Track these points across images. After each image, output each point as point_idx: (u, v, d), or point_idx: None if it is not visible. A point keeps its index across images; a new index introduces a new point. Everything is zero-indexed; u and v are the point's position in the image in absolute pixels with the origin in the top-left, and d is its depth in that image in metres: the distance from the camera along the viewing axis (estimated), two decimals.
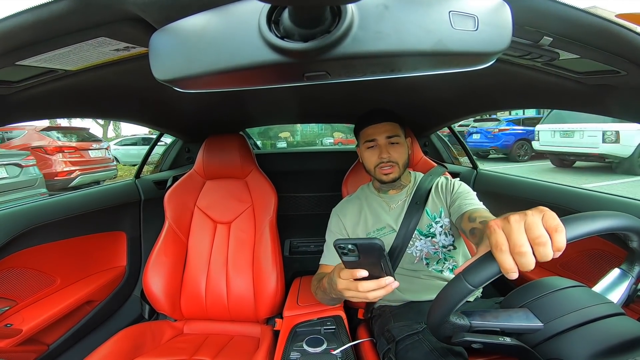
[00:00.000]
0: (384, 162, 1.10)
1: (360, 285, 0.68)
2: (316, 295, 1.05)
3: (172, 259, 1.35)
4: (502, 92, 1.05)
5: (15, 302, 1.14)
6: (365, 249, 0.63)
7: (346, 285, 0.71)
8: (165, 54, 0.43)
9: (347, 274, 0.70)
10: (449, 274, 1.11)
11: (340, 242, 0.64)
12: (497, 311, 0.64)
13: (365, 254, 0.64)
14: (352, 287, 0.70)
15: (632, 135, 5.94)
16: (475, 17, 0.37)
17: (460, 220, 0.99)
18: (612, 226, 0.54)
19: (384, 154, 1.09)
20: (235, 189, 1.48)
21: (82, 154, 6.28)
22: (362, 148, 1.15)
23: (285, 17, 0.36)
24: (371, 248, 0.63)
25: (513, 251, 0.50)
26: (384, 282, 0.67)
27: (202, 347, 1.21)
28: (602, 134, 6.21)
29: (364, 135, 1.14)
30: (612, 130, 6.07)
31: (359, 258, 0.65)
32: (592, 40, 0.55)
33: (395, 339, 0.95)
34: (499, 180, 1.63)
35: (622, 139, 6.02)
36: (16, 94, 0.74)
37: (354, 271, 0.68)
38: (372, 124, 1.12)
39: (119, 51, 0.61)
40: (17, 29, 0.49)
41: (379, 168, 1.11)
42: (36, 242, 1.20)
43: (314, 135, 10.83)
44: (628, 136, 5.97)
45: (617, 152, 6.16)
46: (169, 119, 1.51)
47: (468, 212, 0.97)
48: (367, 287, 0.68)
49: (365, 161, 1.16)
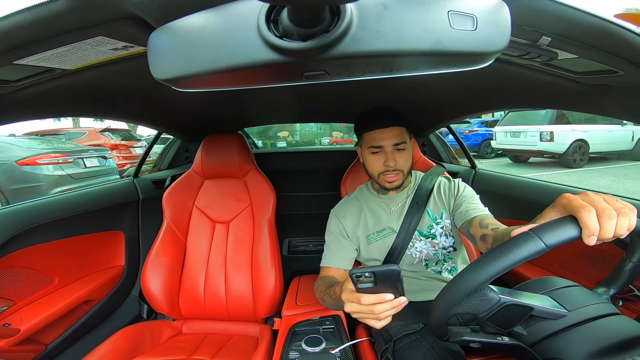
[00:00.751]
0: (389, 170, 1.05)
1: (376, 309, 0.66)
2: (323, 301, 1.02)
3: (171, 259, 1.35)
4: (501, 91, 1.05)
5: (13, 301, 1.14)
6: (383, 276, 0.62)
7: (357, 309, 0.69)
8: (163, 53, 0.43)
9: (353, 298, 0.68)
10: (447, 275, 1.11)
11: (357, 271, 0.62)
12: (521, 292, 0.63)
13: (383, 281, 0.63)
14: (365, 310, 0.68)
15: (565, 135, 7.34)
16: (474, 16, 0.37)
17: (468, 225, 0.97)
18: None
19: (390, 162, 1.04)
20: (234, 189, 1.48)
21: (130, 151, 7.61)
22: (366, 151, 1.09)
23: (284, 17, 0.36)
24: (390, 274, 0.62)
25: (602, 214, 0.50)
26: (397, 302, 0.66)
27: (201, 347, 1.21)
28: (539, 134, 7.57)
29: (369, 139, 1.07)
30: (548, 131, 7.42)
31: (375, 284, 0.63)
32: (590, 40, 0.55)
33: (393, 338, 0.95)
34: (497, 180, 1.63)
35: (556, 138, 7.37)
36: (14, 93, 0.73)
37: (365, 297, 0.66)
38: (378, 128, 1.04)
39: (118, 50, 0.61)
40: (15, 28, 0.49)
41: (383, 175, 1.07)
42: (34, 242, 1.19)
43: (313, 135, 10.82)
44: (561, 136, 7.35)
45: (553, 149, 7.51)
46: (167, 118, 1.51)
47: (478, 217, 0.95)
48: (382, 309, 0.66)
49: (369, 166, 1.10)
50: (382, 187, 1.11)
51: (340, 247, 1.13)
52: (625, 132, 8.02)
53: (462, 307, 0.58)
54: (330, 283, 1.02)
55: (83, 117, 1.12)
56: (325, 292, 1.00)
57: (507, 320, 0.61)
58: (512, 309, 0.60)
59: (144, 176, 1.84)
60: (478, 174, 1.74)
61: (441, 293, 0.61)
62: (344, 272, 1.11)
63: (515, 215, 1.39)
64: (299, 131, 10.74)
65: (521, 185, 1.47)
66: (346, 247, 1.13)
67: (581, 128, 7.53)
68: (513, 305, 0.59)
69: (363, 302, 0.66)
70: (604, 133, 7.77)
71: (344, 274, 1.11)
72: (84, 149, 5.29)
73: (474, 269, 0.56)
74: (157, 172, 2.02)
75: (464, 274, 0.57)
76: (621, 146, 8.09)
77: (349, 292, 0.70)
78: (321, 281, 1.08)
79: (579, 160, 7.55)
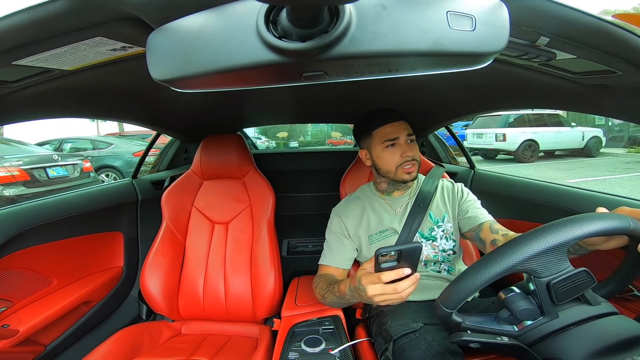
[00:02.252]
0: (407, 161, 1.06)
1: (399, 286, 0.70)
2: (324, 298, 1.03)
3: (170, 260, 1.34)
4: (499, 92, 1.05)
5: (12, 302, 1.13)
6: (408, 254, 0.66)
7: (381, 290, 0.72)
8: (162, 54, 0.43)
9: (375, 279, 0.72)
10: (446, 274, 1.11)
11: (383, 250, 0.65)
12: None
13: (406, 258, 0.66)
14: (389, 290, 0.71)
15: (516, 136, 9.15)
16: (473, 17, 0.37)
17: (478, 229, 1.03)
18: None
19: (408, 152, 1.06)
20: (233, 189, 1.48)
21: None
22: (378, 148, 1.09)
23: (283, 17, 0.36)
24: (413, 252, 0.66)
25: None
26: (414, 278, 0.71)
27: (200, 348, 1.21)
28: (494, 135, 9.39)
29: (382, 134, 1.07)
30: (501, 133, 9.25)
31: (398, 262, 0.67)
32: (588, 41, 0.55)
33: (392, 337, 0.95)
34: (496, 180, 1.63)
35: (508, 138, 9.16)
36: (13, 93, 0.73)
37: (386, 274, 0.70)
38: (390, 123, 1.07)
39: (116, 51, 0.61)
40: (13, 28, 0.49)
41: (401, 167, 1.07)
42: (33, 243, 1.19)
43: (324, 135, 10.91)
44: (512, 136, 9.15)
45: (505, 147, 9.32)
46: (166, 119, 1.51)
47: (488, 222, 1.03)
48: (405, 287, 0.70)
49: (383, 161, 1.09)
50: (401, 180, 1.09)
51: (341, 247, 1.13)
52: (576, 132, 9.63)
53: (527, 264, 0.58)
54: (331, 281, 1.03)
55: (82, 117, 1.12)
56: (327, 290, 1.00)
57: (576, 286, 0.60)
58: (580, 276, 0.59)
59: (142, 177, 1.84)
60: (477, 174, 1.74)
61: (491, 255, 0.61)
62: (343, 271, 1.12)
63: (514, 215, 1.39)
64: (310, 131, 10.79)
65: (520, 186, 1.47)
66: (347, 247, 1.13)
67: (531, 130, 9.23)
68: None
69: (384, 279, 0.70)
70: (552, 134, 9.39)
71: (343, 273, 1.12)
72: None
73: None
74: (156, 172, 2.02)
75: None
76: (572, 145, 9.70)
77: (368, 275, 0.74)
78: (321, 279, 1.08)
79: (530, 156, 9.25)
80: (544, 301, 0.60)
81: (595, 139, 9.78)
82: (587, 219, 0.56)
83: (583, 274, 0.58)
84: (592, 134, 9.77)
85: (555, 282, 0.58)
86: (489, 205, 1.12)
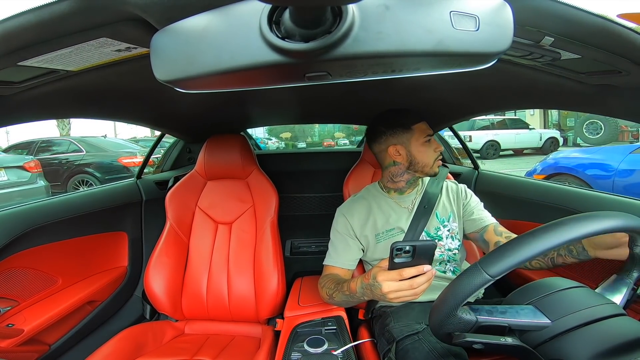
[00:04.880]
0: (439, 155, 1.13)
1: (415, 282, 0.71)
2: (332, 298, 1.03)
3: (174, 259, 1.35)
4: (504, 92, 1.05)
5: (17, 302, 1.14)
6: (423, 250, 0.66)
7: (397, 287, 0.73)
8: (166, 55, 0.43)
9: (392, 275, 0.72)
10: (451, 275, 1.11)
11: (399, 245, 0.66)
12: (504, 307, 0.64)
13: (420, 255, 0.67)
14: (405, 286, 0.72)
15: (480, 137, 10.92)
16: (476, 17, 0.37)
17: (483, 231, 1.08)
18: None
19: (440, 148, 1.13)
20: (237, 190, 1.48)
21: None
22: (418, 142, 1.10)
23: (286, 18, 0.36)
24: (428, 249, 0.66)
25: None
26: (430, 274, 0.71)
27: (203, 348, 1.21)
28: (463, 137, 9.91)
29: (421, 130, 1.10)
30: (468, 135, 10.68)
31: (412, 259, 0.67)
32: (593, 40, 0.55)
33: (395, 339, 0.95)
34: (500, 181, 1.63)
35: (474, 139, 10.79)
36: (18, 94, 0.74)
37: (406, 270, 0.71)
38: (423, 120, 1.12)
39: (121, 52, 0.61)
40: (18, 29, 0.49)
41: (437, 161, 1.12)
42: (38, 243, 1.20)
43: (331, 136, 11.06)
44: (477, 138, 10.90)
45: (472, 147, 10.26)
46: (170, 119, 1.52)
47: (492, 225, 1.08)
48: (421, 282, 0.71)
49: (424, 155, 1.10)
50: (432, 174, 1.14)
51: (347, 247, 1.13)
52: (534, 134, 11.59)
53: (445, 329, 0.61)
54: (338, 280, 1.04)
55: (87, 118, 1.13)
56: (335, 289, 1.01)
57: (491, 333, 0.62)
58: (492, 327, 0.61)
59: (147, 177, 1.85)
60: (481, 175, 1.74)
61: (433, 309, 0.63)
62: (348, 272, 1.12)
63: (517, 216, 1.38)
64: (317, 131, 10.92)
65: (524, 186, 1.46)
66: (352, 248, 1.13)
67: (492, 132, 11.10)
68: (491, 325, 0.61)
69: (405, 275, 0.71)
70: (511, 135, 11.21)
71: (348, 274, 1.12)
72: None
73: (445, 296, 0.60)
74: (160, 173, 2.03)
75: (439, 301, 0.61)
76: (531, 144, 11.52)
77: (384, 272, 0.75)
78: (327, 278, 1.08)
79: (492, 154, 11.00)
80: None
81: (552, 140, 11.54)
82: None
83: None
84: (549, 135, 11.65)
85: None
86: (492, 206, 1.12)
